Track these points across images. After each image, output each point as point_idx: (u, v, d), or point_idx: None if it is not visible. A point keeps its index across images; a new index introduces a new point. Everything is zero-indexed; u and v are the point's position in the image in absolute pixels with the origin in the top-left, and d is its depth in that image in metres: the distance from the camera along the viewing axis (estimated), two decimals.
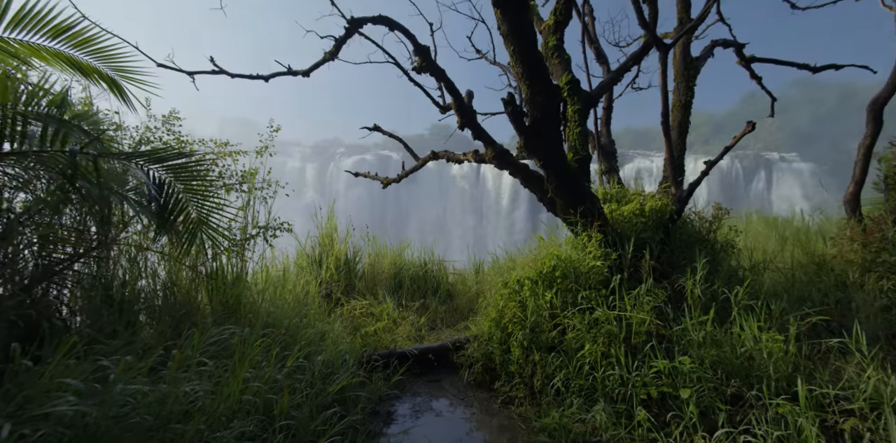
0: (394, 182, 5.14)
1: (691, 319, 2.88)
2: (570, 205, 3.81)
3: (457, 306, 5.79)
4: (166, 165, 2.30)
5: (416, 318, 5.07)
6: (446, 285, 6.19)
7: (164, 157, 2.31)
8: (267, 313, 3.10)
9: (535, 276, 3.75)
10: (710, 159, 3.49)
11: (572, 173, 3.70)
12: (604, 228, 3.71)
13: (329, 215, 5.83)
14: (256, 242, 4.18)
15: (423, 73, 3.66)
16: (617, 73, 4.06)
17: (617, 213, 3.87)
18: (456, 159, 4.39)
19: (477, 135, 4.04)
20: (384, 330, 4.47)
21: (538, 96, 3.23)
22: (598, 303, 3.34)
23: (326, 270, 5.32)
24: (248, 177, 4.07)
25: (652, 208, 3.69)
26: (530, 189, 4.19)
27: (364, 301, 5.10)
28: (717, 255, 3.62)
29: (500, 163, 4.07)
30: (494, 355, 3.60)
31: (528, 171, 4.09)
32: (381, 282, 5.83)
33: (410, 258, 6.36)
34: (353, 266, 5.65)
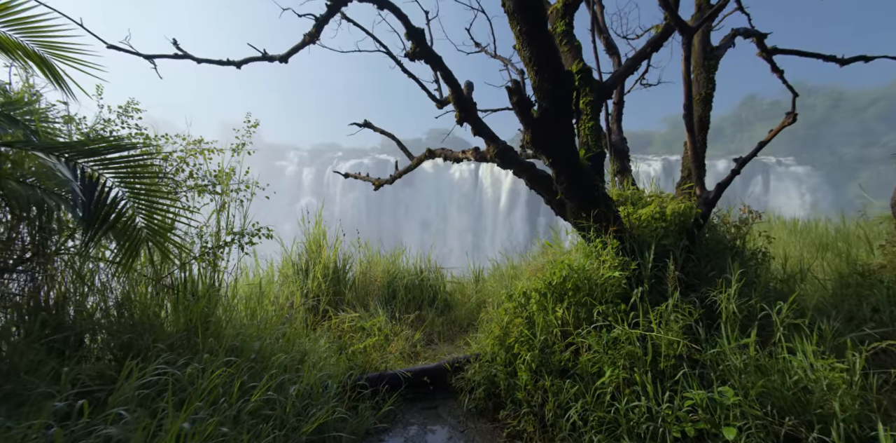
0: (386, 183, 4.74)
1: (729, 341, 2.46)
2: (581, 208, 3.41)
3: (455, 318, 5.37)
4: (99, 159, 1.89)
5: (411, 332, 4.64)
6: (443, 295, 5.77)
7: (95, 150, 1.90)
8: (236, 334, 2.67)
9: (543, 287, 3.34)
10: (741, 156, 3.10)
11: (585, 172, 3.30)
12: (620, 234, 3.30)
13: (317, 220, 5.41)
14: (233, 249, 3.76)
15: (417, 60, 3.26)
16: (634, 61, 3.68)
17: (634, 217, 3.47)
18: (454, 158, 3.99)
19: (477, 130, 3.65)
20: (374, 347, 4.04)
21: (548, 84, 2.83)
22: (616, 319, 2.93)
23: (313, 280, 4.88)
24: (221, 177, 3.65)
25: (675, 212, 3.29)
26: (536, 190, 3.79)
27: (353, 314, 4.67)
28: (748, 264, 3.22)
29: (504, 161, 3.67)
30: (498, 378, 3.17)
31: (534, 170, 3.69)
32: (373, 292, 5.40)
33: (405, 266, 5.94)
34: (342, 275, 5.22)
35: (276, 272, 5.19)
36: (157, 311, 3.00)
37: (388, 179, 4.74)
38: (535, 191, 3.83)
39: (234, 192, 3.74)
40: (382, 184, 4.78)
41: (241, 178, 3.86)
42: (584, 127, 3.66)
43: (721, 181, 3.16)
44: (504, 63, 5.07)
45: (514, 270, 6.92)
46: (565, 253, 4.24)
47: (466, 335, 4.98)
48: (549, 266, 3.52)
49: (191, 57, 3.03)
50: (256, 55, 3.10)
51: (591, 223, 3.37)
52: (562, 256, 3.65)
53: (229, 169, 3.62)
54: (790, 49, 4.38)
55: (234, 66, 3.11)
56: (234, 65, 3.10)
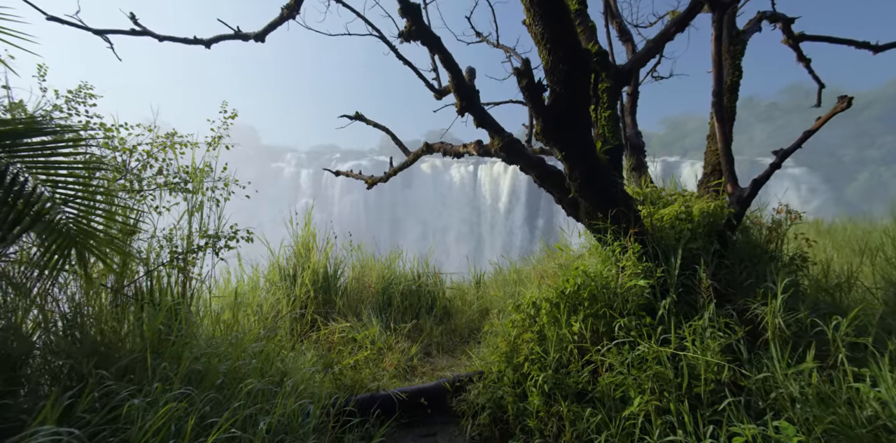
0: (380, 181, 4.36)
1: (780, 363, 2.09)
2: (598, 207, 3.03)
3: (455, 327, 4.99)
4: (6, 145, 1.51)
5: (407, 344, 4.25)
6: (443, 301, 5.39)
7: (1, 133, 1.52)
8: (199, 355, 2.27)
9: (554, 297, 2.96)
10: (781, 149, 2.73)
11: (602, 168, 2.93)
12: (642, 237, 2.93)
13: (306, 221, 5.02)
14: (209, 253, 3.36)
15: (413, 41, 2.89)
16: (656, 43, 3.32)
17: (655, 217, 3.09)
18: (454, 153, 3.62)
19: (480, 121, 3.27)
20: (367, 362, 3.65)
21: (563, 64, 2.46)
22: (641, 335, 2.55)
23: (301, 286, 4.49)
24: (194, 174, 3.27)
25: (703, 211, 2.92)
26: (546, 188, 3.41)
27: (345, 323, 4.28)
28: (786, 272, 2.85)
29: (510, 155, 3.29)
30: (506, 401, 2.78)
31: (543, 165, 3.32)
32: (367, 299, 5.01)
33: (402, 270, 5.55)
34: (333, 281, 4.83)
35: (261, 278, 4.81)
36: (115, 327, 2.61)
37: (382, 177, 4.36)
38: (544, 189, 3.46)
39: (210, 190, 3.35)
40: (376, 182, 4.41)
41: (219, 175, 3.48)
42: (601, 117, 3.30)
43: (757, 177, 2.79)
44: (507, 52, 4.70)
45: (518, 274, 6.54)
46: (577, 257, 3.87)
47: (468, 346, 4.60)
48: (561, 272, 3.15)
49: (151, 33, 2.66)
50: (228, 33, 2.73)
51: (608, 224, 3.00)
52: (575, 262, 3.28)
53: (203, 165, 3.24)
54: (819, 35, 4.04)
55: (202, 46, 2.74)
56: (202, 44, 2.73)
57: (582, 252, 4.17)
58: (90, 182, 2.57)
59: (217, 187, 3.36)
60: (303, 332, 4.23)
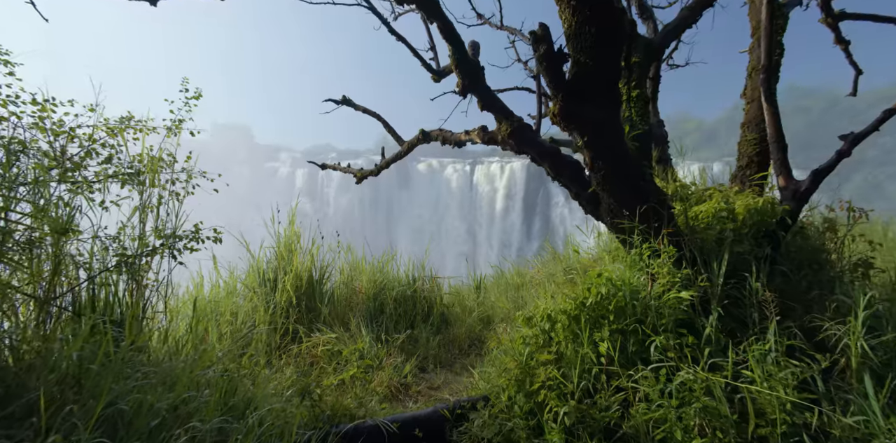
0: (370, 175, 3.89)
1: (877, 403, 1.63)
2: (624, 203, 2.58)
3: (454, 337, 4.52)
4: None
5: (401, 358, 3.78)
6: (440, 308, 4.92)
7: None
8: (133, 387, 1.79)
9: (573, 308, 2.50)
10: (851, 132, 2.29)
11: (631, 157, 2.48)
12: (678, 239, 2.48)
13: (290, 219, 4.53)
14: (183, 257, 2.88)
15: (407, 4, 2.42)
16: (691, 12, 2.87)
17: (690, 215, 2.64)
18: (455, 140, 3.15)
19: (486, 102, 2.81)
20: (353, 381, 3.17)
21: (589, 26, 2.00)
22: (682, 357, 2.10)
23: (281, 293, 4.01)
24: (152, 164, 2.78)
25: (749, 209, 2.46)
26: (562, 182, 2.95)
27: (330, 335, 3.80)
28: (849, 281, 2.40)
29: (520, 142, 2.83)
30: (517, 436, 2.31)
31: (558, 155, 2.87)
32: (356, 306, 4.53)
33: (395, 274, 5.08)
34: (318, 286, 4.34)
35: (239, 283, 4.31)
36: (41, 348, 2.12)
37: (372, 170, 3.89)
38: (559, 183, 3.00)
39: (170, 183, 2.86)
40: (366, 176, 3.93)
41: (182, 166, 2.99)
42: (629, 96, 2.85)
43: (819, 168, 2.35)
44: (511, 33, 4.25)
45: (521, 277, 6.08)
46: (594, 261, 3.41)
47: (468, 359, 4.13)
48: (580, 279, 2.68)
49: None
50: None
51: (635, 224, 2.54)
52: (594, 267, 2.82)
53: (159, 153, 2.75)
54: (863, 13, 3.61)
55: (149, 3, 2.26)
56: (147, 0, 2.25)
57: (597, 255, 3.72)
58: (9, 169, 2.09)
59: (178, 180, 2.87)
60: (282, 345, 3.74)
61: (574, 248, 3.03)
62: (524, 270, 6.24)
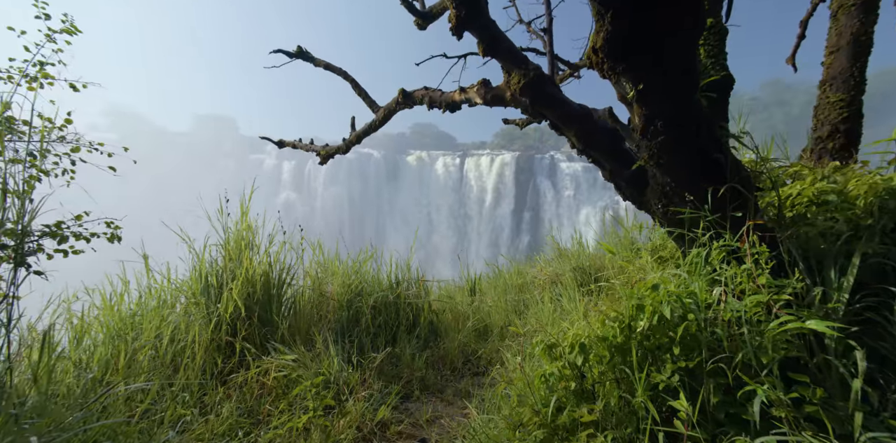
0: (338, 152, 3.05)
1: None
2: (689, 183, 1.80)
3: (445, 353, 3.74)
4: None
5: (379, 383, 2.99)
6: (428, 316, 4.14)
7: None
8: None
9: (617, 336, 1.73)
10: None
11: (704, 117, 1.69)
12: (770, 236, 1.71)
13: (242, 211, 3.67)
14: None
15: None
16: None
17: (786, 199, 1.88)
18: (446, 102, 2.33)
19: (490, 43, 2.02)
20: (308, 430, 2.38)
21: None
22: (798, 420, 1.35)
23: (227, 302, 3.16)
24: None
25: (874, 189, 1.70)
26: (590, 156, 2.17)
27: (287, 356, 2.99)
28: None
29: (537, 99, 2.03)
30: None
31: (589, 119, 2.07)
32: (326, 316, 3.71)
33: (375, 276, 4.27)
34: (276, 293, 3.51)
35: (180, 293, 3.45)
36: None
37: (339, 147, 3.05)
38: (587, 157, 2.21)
39: (37, 155, 1.99)
40: (332, 153, 3.09)
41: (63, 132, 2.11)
42: None
43: None
44: None
45: (521, 277, 5.33)
46: (636, 267, 2.64)
47: (462, 382, 3.36)
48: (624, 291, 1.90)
49: None
50: None
51: (704, 212, 1.77)
52: (648, 278, 2.06)
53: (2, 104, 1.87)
54: None
55: None
56: None
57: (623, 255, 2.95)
58: None
59: (50, 151, 2.00)
60: (223, 371, 2.92)
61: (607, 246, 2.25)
62: (524, 268, 5.49)
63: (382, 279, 4.25)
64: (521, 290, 4.99)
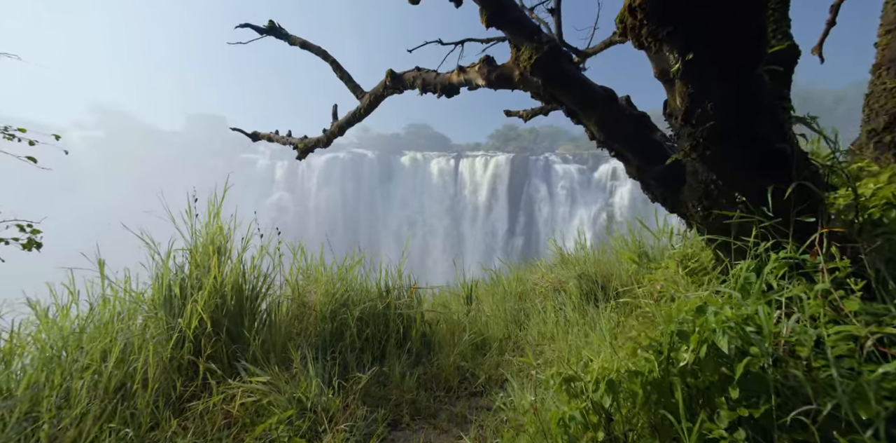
0: (318, 145, 2.69)
1: None
2: (742, 180, 1.45)
3: (439, 370, 3.37)
4: None
5: (364, 409, 2.62)
6: (421, 328, 3.76)
7: None
8: None
9: (651, 371, 1.38)
10: None
11: (767, 97, 1.35)
12: (848, 246, 1.37)
13: (213, 211, 3.27)
14: None
15: None
16: None
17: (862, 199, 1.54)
18: (441, 84, 1.97)
19: (495, 12, 1.66)
20: None
21: None
22: None
23: (191, 316, 2.76)
24: None
25: None
26: (613, 148, 1.82)
27: (259, 378, 2.60)
28: None
29: (551, 78, 1.67)
30: None
31: (613, 103, 1.72)
32: (306, 330, 3.33)
33: (363, 283, 3.88)
34: (249, 304, 3.12)
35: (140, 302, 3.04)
36: None
37: (319, 139, 2.68)
38: (609, 149, 1.86)
39: None
40: (311, 147, 2.72)
41: None
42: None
43: None
44: None
45: (521, 284, 4.98)
46: (661, 278, 2.28)
47: (458, 405, 2.99)
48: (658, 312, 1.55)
49: None
50: None
51: (759, 218, 1.42)
52: (684, 297, 1.71)
53: None
54: None
55: None
56: None
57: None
58: None
59: None
60: (182, 397, 2.52)
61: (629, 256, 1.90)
62: (524, 274, 5.14)
63: (371, 287, 3.88)
64: (521, 297, 4.63)
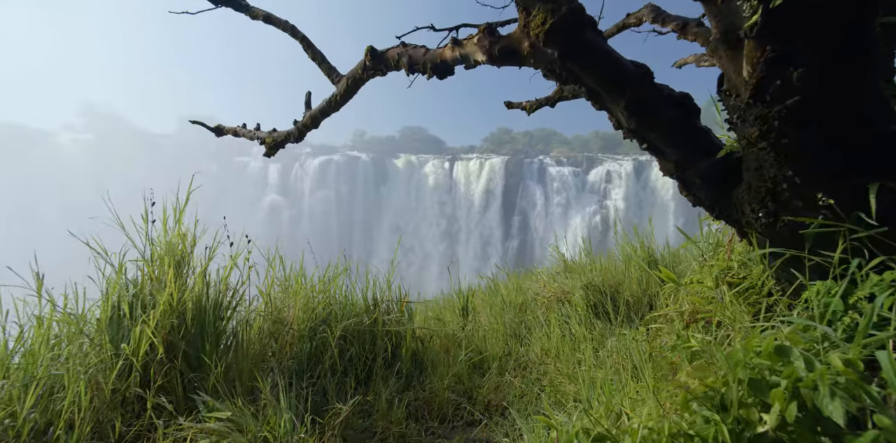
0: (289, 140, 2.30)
1: None
2: (829, 177, 1.09)
3: (432, 395, 2.98)
4: None
5: None
6: (411, 345, 3.37)
7: None
8: None
9: (716, 437, 0.99)
10: None
11: (879, 64, 0.98)
12: None
13: (174, 217, 2.87)
14: None
15: None
16: None
17: None
18: (432, 62, 1.59)
19: None
20: None
21: None
22: None
23: (140, 340, 2.35)
24: None
25: None
26: (647, 138, 1.45)
27: (219, 414, 2.19)
28: None
29: (572, 51, 1.30)
30: None
31: (648, 80, 1.35)
32: (281, 351, 2.93)
33: (349, 295, 3.49)
34: (212, 324, 2.70)
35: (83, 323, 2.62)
36: None
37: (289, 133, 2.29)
38: (640, 140, 1.49)
39: None
40: (282, 141, 2.34)
41: None
42: None
43: None
44: None
45: (522, 294, 4.61)
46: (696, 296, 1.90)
47: (453, 438, 2.60)
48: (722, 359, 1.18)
49: None
50: None
51: (852, 226, 1.06)
52: (767, 336, 1.34)
53: None
54: None
55: None
56: None
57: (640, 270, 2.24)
58: None
59: None
60: (123, 440, 2.11)
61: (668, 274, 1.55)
62: (524, 283, 4.77)
63: (357, 300, 3.48)
64: (522, 309, 4.26)
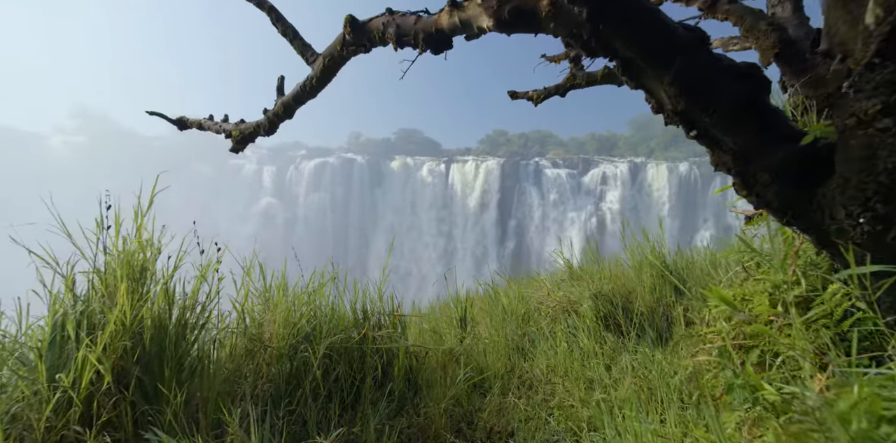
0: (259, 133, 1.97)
1: None
2: None
3: (428, 420, 2.64)
4: None
5: None
6: (404, 364, 3.03)
7: None
8: None
9: None
10: None
11: None
12: None
13: (138, 222, 2.52)
14: None
15: None
16: None
17: None
18: (425, 32, 1.27)
19: None
20: None
21: None
22: None
23: (82, 368, 2.00)
24: None
25: None
26: (703, 123, 1.12)
27: None
28: None
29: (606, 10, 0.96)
30: None
31: (705, 50, 1.03)
32: (256, 373, 2.58)
33: (336, 307, 3.15)
34: (175, 345, 2.35)
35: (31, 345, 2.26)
36: None
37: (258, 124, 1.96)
38: (689, 129, 1.17)
39: None
40: (250, 136, 2.00)
41: None
42: None
43: None
44: None
45: (524, 303, 4.28)
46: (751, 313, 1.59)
47: None
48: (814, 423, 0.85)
49: None
50: None
51: None
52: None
53: None
54: None
55: None
56: None
57: None
58: None
59: None
60: None
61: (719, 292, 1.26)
62: (526, 291, 4.45)
63: (345, 314, 3.15)
64: (525, 319, 3.94)
